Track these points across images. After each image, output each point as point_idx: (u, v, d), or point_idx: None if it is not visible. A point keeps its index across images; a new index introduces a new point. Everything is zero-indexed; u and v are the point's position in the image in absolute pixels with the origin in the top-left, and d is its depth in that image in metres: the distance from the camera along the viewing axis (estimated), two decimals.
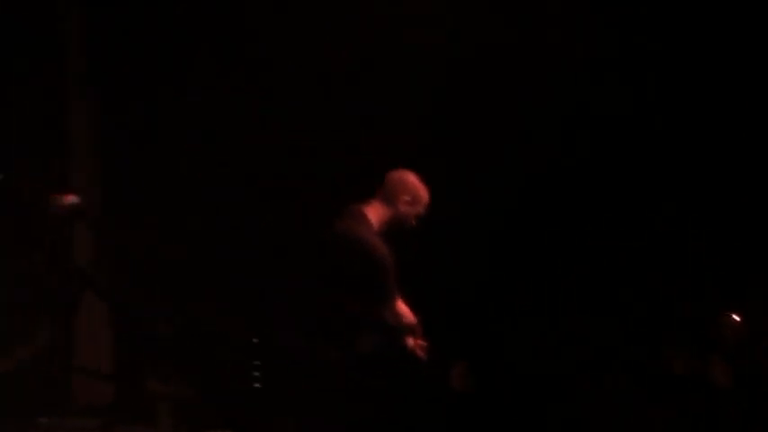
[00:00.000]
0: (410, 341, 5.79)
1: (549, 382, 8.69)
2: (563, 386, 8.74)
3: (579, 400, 8.69)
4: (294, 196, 8.35)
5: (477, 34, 8.52)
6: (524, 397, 8.61)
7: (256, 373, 7.50)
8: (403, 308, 5.81)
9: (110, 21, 8.62)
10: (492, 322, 8.92)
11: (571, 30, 8.57)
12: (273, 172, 8.50)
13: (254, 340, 7.58)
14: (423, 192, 5.82)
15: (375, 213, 5.74)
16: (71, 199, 7.29)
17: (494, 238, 8.76)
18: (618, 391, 8.79)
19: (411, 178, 5.82)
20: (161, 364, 8.07)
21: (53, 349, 7.52)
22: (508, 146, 8.58)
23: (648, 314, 9.09)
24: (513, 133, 8.57)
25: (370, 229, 5.68)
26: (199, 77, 8.55)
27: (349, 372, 5.60)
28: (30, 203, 7.34)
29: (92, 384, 7.88)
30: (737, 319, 8.46)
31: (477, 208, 8.54)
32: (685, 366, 8.70)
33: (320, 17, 8.44)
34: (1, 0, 8.02)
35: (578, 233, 9.12)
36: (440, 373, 7.13)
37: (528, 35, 8.59)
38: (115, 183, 8.57)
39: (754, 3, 8.54)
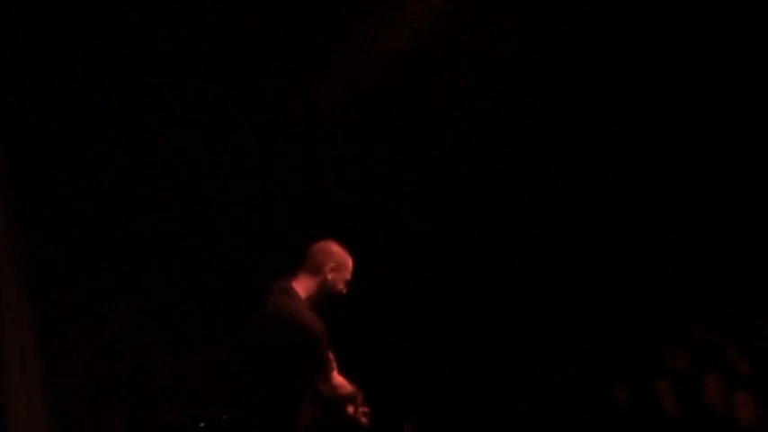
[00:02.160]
0: (351, 410, 5.84)
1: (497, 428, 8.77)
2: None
3: None
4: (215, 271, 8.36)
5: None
6: None
7: None
8: (339, 379, 5.83)
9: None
10: (438, 379, 8.97)
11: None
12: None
13: (201, 425, 7.58)
14: (346, 257, 5.88)
15: (303, 286, 5.77)
16: None
17: (429, 297, 8.83)
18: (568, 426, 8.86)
19: (334, 246, 5.88)
20: None
21: None
22: (434, 212, 8.68)
23: (593, 346, 9.16)
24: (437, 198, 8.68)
25: (299, 303, 5.68)
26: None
27: None
28: None
29: None
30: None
31: (410, 268, 8.63)
32: (631, 395, 8.76)
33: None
34: None
35: (511, 280, 9.21)
36: None
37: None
38: None
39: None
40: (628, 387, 8.74)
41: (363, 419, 5.89)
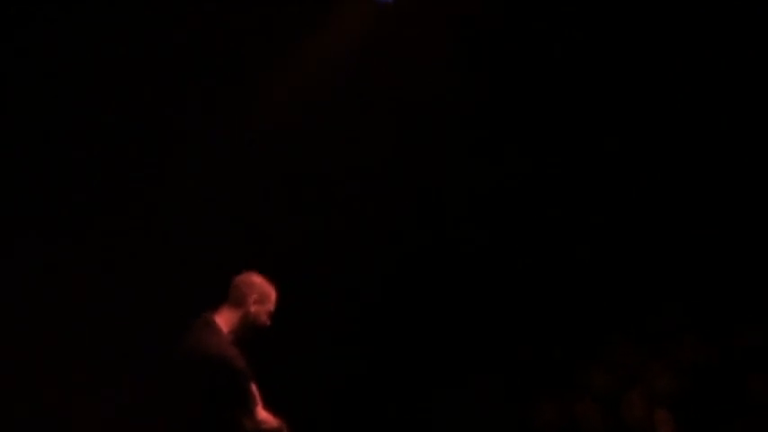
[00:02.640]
0: None
1: None
2: None
3: None
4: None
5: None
6: None
7: None
8: (263, 414, 5.76)
9: None
10: (367, 409, 8.96)
11: None
12: None
13: None
14: (269, 288, 5.84)
15: (225, 320, 5.71)
16: None
17: (357, 325, 8.81)
18: None
19: (256, 278, 5.84)
20: None
21: None
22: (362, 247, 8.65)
23: (515, 364, 9.16)
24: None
25: (221, 338, 5.62)
26: None
27: None
28: None
29: None
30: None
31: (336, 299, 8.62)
32: (554, 415, 8.77)
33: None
34: None
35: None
36: None
37: None
38: None
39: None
40: (550, 406, 8.76)
41: None
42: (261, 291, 5.80)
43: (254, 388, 5.67)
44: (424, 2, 8.46)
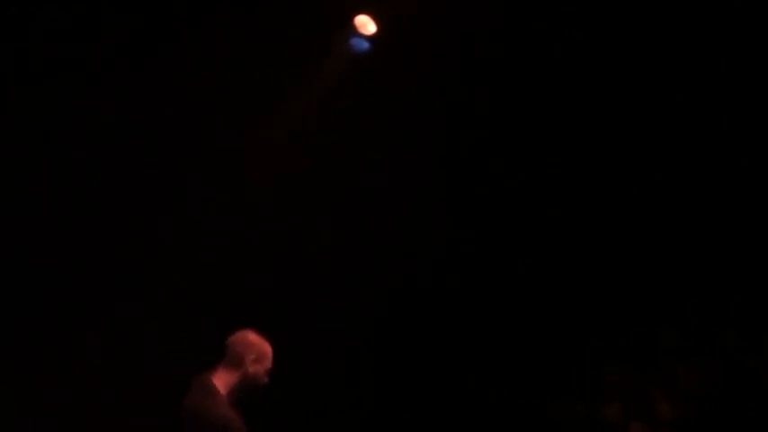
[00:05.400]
0: None
1: None
2: None
3: None
4: None
5: None
6: None
7: None
8: None
9: None
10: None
11: None
12: None
13: None
14: (266, 347, 5.73)
15: (222, 381, 5.61)
16: None
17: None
18: None
19: (252, 337, 5.74)
20: None
21: None
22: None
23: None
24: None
25: (218, 400, 5.52)
26: None
27: None
28: None
29: None
30: None
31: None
32: None
33: None
34: None
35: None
36: None
37: None
38: None
39: None
40: None
41: None
42: (258, 350, 5.69)
43: None
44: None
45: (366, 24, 8.33)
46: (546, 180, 9.11)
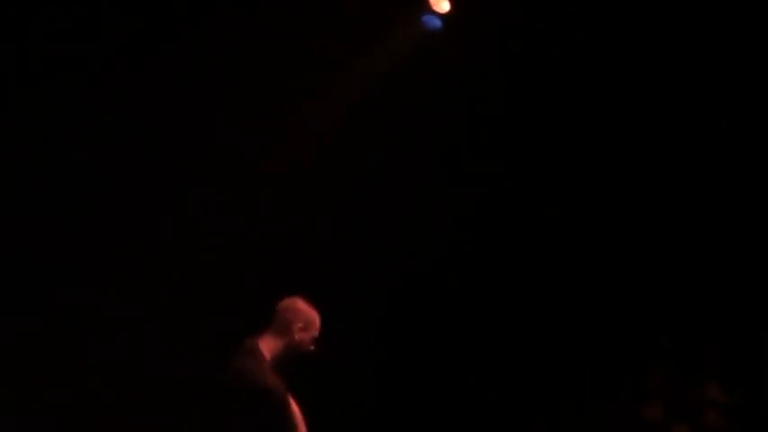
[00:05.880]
0: None
1: None
2: None
3: None
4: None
5: None
6: None
7: None
8: None
9: None
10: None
11: None
12: None
13: None
14: (314, 315, 5.79)
15: (268, 346, 5.65)
16: None
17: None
18: None
19: (300, 304, 5.79)
20: None
21: None
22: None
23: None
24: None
25: (262, 365, 5.56)
26: None
27: None
28: None
29: None
30: None
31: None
32: None
33: None
34: None
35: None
36: None
37: None
38: None
39: None
40: None
41: None
42: (306, 318, 5.75)
43: (297, 415, 5.65)
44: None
45: (440, 2, 8.31)
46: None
